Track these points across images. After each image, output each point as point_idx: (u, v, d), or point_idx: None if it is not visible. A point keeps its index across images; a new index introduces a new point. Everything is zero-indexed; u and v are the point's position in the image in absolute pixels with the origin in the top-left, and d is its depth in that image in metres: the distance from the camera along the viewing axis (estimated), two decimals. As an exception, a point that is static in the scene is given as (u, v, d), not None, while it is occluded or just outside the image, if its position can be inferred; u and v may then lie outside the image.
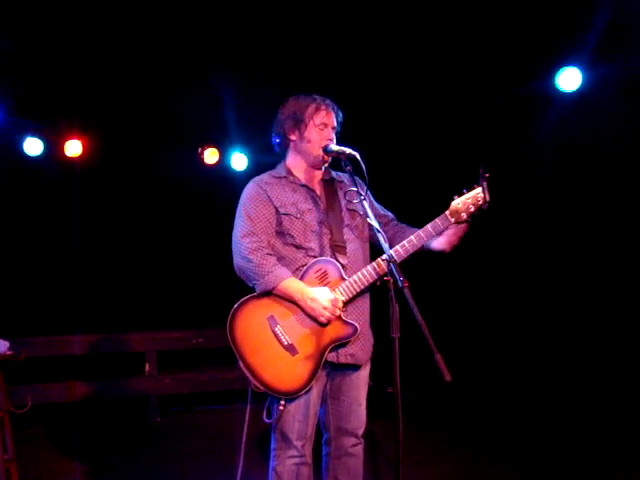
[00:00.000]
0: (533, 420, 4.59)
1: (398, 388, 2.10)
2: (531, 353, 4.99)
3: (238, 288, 2.60)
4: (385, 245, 2.25)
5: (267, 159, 2.87)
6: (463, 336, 5.15)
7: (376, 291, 2.49)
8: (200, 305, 5.43)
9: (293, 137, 2.61)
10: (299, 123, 2.57)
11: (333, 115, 2.60)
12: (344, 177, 2.71)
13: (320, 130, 2.56)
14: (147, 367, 5.05)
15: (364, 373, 2.62)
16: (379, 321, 2.54)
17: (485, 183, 2.42)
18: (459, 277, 5.18)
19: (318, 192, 2.64)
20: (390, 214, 2.78)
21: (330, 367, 2.53)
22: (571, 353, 4.88)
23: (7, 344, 3.12)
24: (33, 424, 4.56)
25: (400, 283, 2.09)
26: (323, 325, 2.45)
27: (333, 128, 2.60)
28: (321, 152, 2.55)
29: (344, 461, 2.58)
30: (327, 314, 2.43)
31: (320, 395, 2.54)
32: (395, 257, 2.35)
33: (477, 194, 2.44)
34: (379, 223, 2.40)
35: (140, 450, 4.23)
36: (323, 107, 2.57)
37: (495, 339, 5.11)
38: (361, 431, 2.59)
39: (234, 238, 2.55)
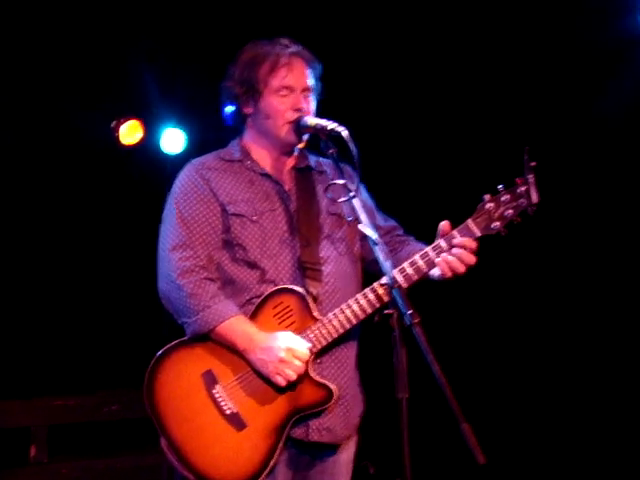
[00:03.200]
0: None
1: (408, 476, 2.10)
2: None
3: (167, 329, 2.61)
4: (385, 263, 2.26)
5: (216, 138, 2.89)
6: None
7: (371, 329, 2.50)
8: (112, 356, 5.40)
9: (247, 109, 2.64)
10: (251, 90, 2.59)
11: (303, 70, 2.60)
12: (327, 165, 2.72)
13: (282, 97, 2.58)
14: (33, 451, 5.01)
15: (345, 456, 2.63)
16: (376, 373, 2.56)
17: (532, 176, 2.41)
18: (486, 302, 5.24)
19: (287, 186, 2.65)
20: (392, 222, 2.81)
21: (297, 447, 2.53)
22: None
23: None
24: None
25: (408, 318, 2.09)
26: (281, 388, 2.45)
27: (305, 90, 2.60)
28: (288, 129, 2.57)
29: None
30: (287, 372, 2.41)
31: None
32: (401, 280, 2.37)
33: (519, 193, 2.44)
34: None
35: None
36: (282, 61, 2.58)
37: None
38: None
39: (160, 251, 2.56)
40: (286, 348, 2.42)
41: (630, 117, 4.73)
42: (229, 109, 2.70)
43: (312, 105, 2.64)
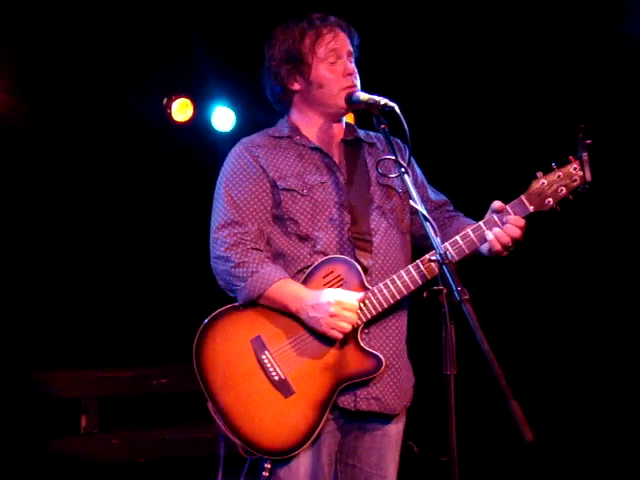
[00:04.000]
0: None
1: (455, 456, 2.09)
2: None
3: (221, 303, 2.63)
4: (436, 239, 2.25)
5: (265, 116, 2.91)
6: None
7: (419, 305, 2.50)
8: (163, 330, 5.48)
9: (296, 86, 2.65)
10: (298, 64, 2.60)
11: (343, 35, 2.62)
12: (376, 139, 2.73)
13: (332, 65, 2.59)
14: (84, 421, 5.10)
15: (395, 429, 2.63)
16: (423, 351, 2.55)
17: (586, 155, 2.42)
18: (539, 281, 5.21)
19: (337, 158, 2.65)
20: (443, 197, 2.80)
21: (344, 416, 2.54)
22: None
23: None
24: None
25: (458, 295, 2.09)
26: (334, 351, 2.45)
27: (350, 55, 2.62)
28: (343, 100, 2.57)
29: None
30: (340, 324, 2.41)
31: (329, 458, 2.54)
32: (453, 255, 2.35)
33: (573, 171, 2.44)
34: (426, 209, 2.38)
35: None
36: (325, 30, 2.59)
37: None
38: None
39: (210, 232, 2.60)
40: (335, 302, 2.42)
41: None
42: (274, 96, 2.70)
43: (356, 71, 2.65)
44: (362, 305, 2.47)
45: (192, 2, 5.01)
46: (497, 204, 2.49)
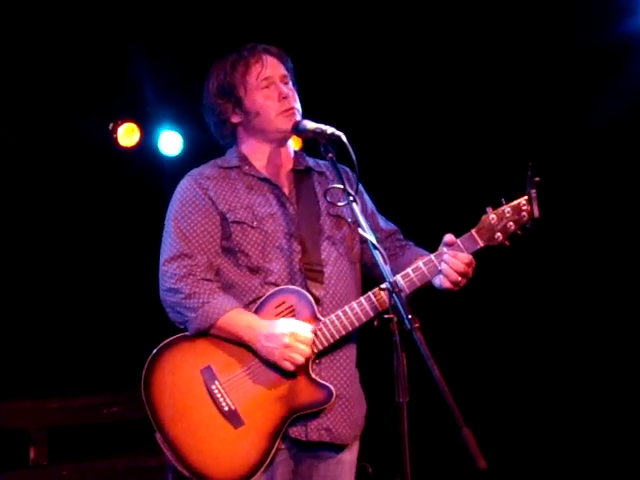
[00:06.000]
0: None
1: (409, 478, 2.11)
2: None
3: (170, 330, 2.60)
4: (385, 267, 2.25)
5: (213, 140, 2.90)
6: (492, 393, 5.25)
7: (370, 334, 2.50)
8: (112, 357, 5.40)
9: (235, 118, 2.67)
10: (233, 97, 2.62)
11: (274, 61, 2.64)
12: (325, 167, 2.75)
13: (266, 90, 2.60)
14: (32, 453, 5.00)
15: (349, 456, 2.63)
16: (374, 378, 2.55)
17: (534, 191, 2.46)
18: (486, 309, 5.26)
19: (286, 189, 2.66)
20: (393, 226, 2.82)
21: (296, 446, 2.54)
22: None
23: None
24: None
25: (408, 323, 2.10)
26: (284, 382, 2.45)
27: (283, 78, 2.64)
28: (282, 123, 2.58)
29: None
30: (293, 356, 2.41)
31: None
32: (404, 287, 2.38)
33: (522, 206, 2.48)
34: (376, 238, 2.39)
35: None
36: (253, 59, 2.61)
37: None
38: None
39: (159, 265, 2.59)
40: (289, 333, 2.42)
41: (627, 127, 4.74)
42: (217, 131, 2.71)
43: (295, 93, 2.67)
44: (314, 336, 2.47)
45: (138, 26, 4.98)
46: (448, 237, 2.51)
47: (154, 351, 2.51)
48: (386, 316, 2.17)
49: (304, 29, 4.76)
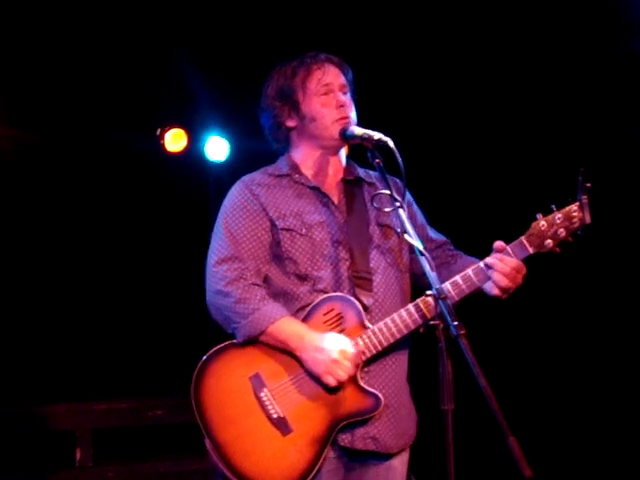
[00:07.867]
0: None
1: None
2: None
3: (214, 336, 2.62)
4: (431, 274, 2.26)
5: (259, 146, 2.93)
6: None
7: (419, 341, 2.50)
8: (157, 361, 5.46)
9: (291, 122, 2.68)
10: (291, 100, 2.63)
11: (335, 70, 2.65)
12: (375, 178, 2.75)
13: (323, 98, 2.61)
14: (78, 454, 5.06)
15: (398, 464, 2.62)
16: (420, 385, 2.55)
17: (585, 197, 2.44)
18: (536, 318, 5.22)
19: (335, 198, 2.67)
20: (443, 237, 2.82)
21: (346, 454, 2.54)
22: None
23: None
24: None
25: (454, 330, 2.09)
26: (332, 391, 2.46)
27: (342, 88, 2.64)
28: (337, 132, 2.59)
29: None
30: (339, 373, 2.42)
31: None
32: (449, 291, 2.37)
33: (573, 213, 2.47)
34: (426, 248, 2.41)
35: None
36: (315, 66, 2.63)
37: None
38: None
39: (207, 264, 2.59)
40: (339, 350, 2.43)
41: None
42: (271, 134, 2.73)
43: (352, 104, 2.68)
44: (362, 344, 2.47)
45: (187, 32, 5.04)
46: (498, 244, 2.51)
47: (204, 357, 2.53)
48: (432, 322, 2.18)
49: (357, 37, 4.75)
